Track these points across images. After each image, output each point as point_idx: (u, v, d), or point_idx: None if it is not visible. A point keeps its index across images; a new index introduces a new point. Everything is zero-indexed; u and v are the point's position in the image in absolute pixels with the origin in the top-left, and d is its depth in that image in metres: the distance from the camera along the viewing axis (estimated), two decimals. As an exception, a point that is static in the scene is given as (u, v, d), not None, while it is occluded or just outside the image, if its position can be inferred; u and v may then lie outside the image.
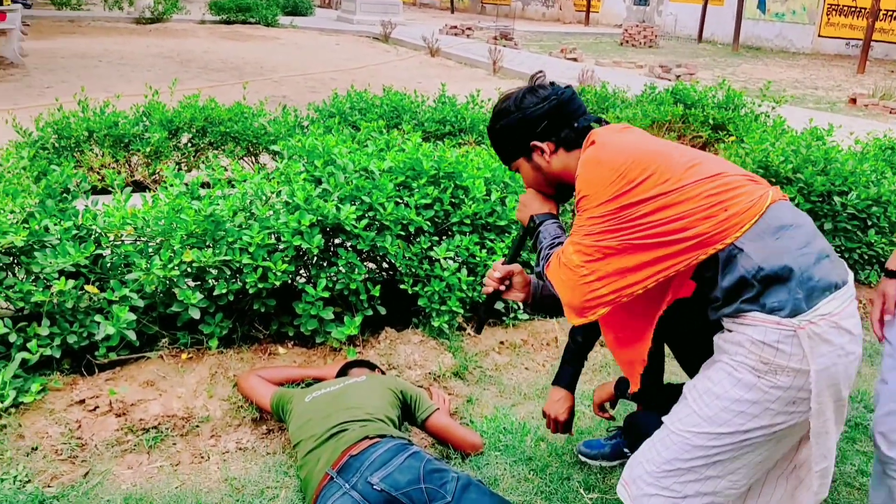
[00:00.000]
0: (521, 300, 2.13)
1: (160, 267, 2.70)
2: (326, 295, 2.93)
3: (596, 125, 1.90)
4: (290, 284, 3.09)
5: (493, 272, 2.11)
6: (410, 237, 3.24)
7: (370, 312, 3.10)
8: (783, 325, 1.58)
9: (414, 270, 3.16)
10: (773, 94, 6.97)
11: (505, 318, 3.44)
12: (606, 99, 7.09)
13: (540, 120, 1.88)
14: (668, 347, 2.40)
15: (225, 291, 2.83)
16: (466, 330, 3.34)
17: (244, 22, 18.94)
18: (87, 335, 2.71)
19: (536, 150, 1.92)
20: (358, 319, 2.99)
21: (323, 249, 3.02)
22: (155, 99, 5.22)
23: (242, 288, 2.86)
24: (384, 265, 3.38)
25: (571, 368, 2.44)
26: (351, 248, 3.09)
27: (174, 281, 2.78)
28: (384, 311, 3.15)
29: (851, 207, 3.87)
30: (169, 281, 2.78)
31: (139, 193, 3.18)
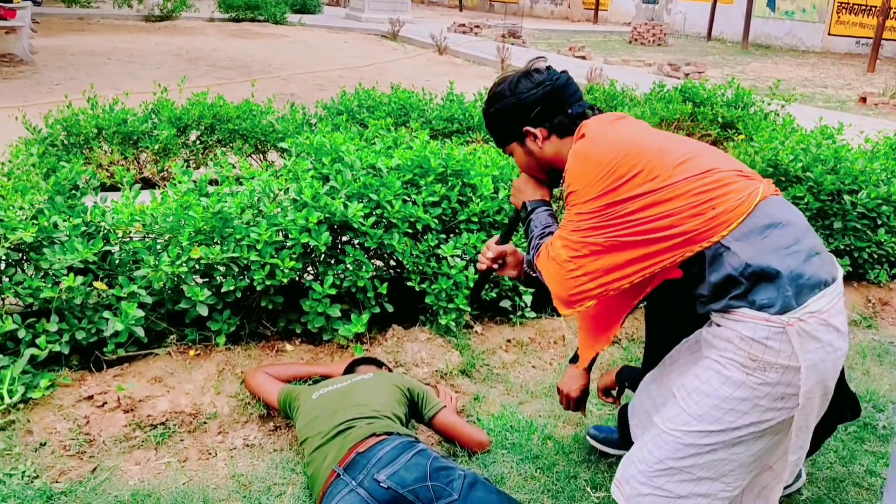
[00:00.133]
0: (513, 277, 2.16)
1: (168, 263, 2.71)
2: (334, 292, 2.93)
3: (591, 112, 1.89)
4: (297, 282, 3.09)
5: (486, 251, 2.14)
6: (418, 235, 3.24)
7: (377, 310, 3.10)
8: (772, 321, 1.59)
9: (421, 268, 3.16)
10: (782, 92, 6.94)
11: (512, 316, 3.44)
12: (615, 97, 7.06)
13: (533, 105, 1.87)
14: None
15: (233, 288, 2.84)
16: (474, 328, 3.34)
17: (253, 20, 18.98)
18: (95, 331, 2.72)
19: (529, 135, 1.92)
20: (365, 317, 2.99)
21: (330, 247, 3.02)
22: (164, 96, 5.23)
23: (250, 285, 2.86)
24: (391, 263, 3.38)
25: None
26: (358, 245, 3.09)
27: (182, 278, 2.79)
28: (391, 308, 3.15)
29: (861, 206, 3.85)
30: (177, 278, 2.79)
31: (148, 190, 3.19)
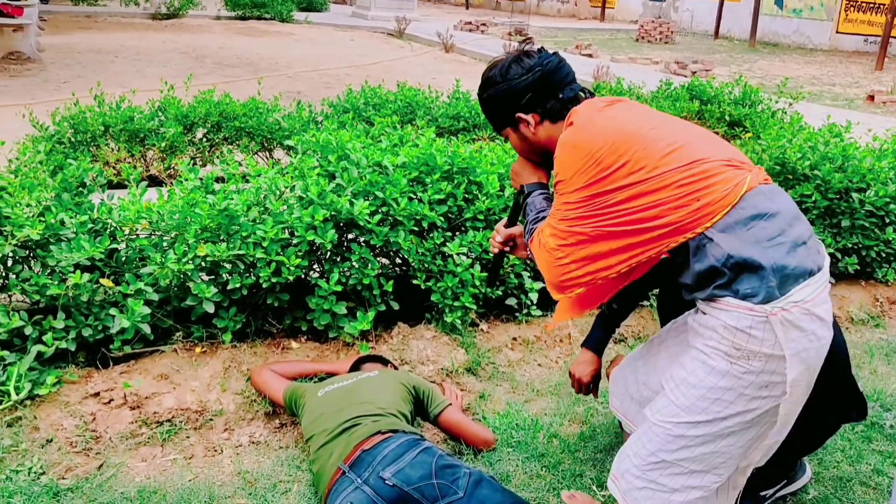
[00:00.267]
0: (524, 257, 2.18)
1: (175, 261, 2.71)
2: (339, 290, 2.93)
3: (583, 95, 1.90)
4: (303, 279, 3.10)
5: (496, 236, 2.17)
6: (424, 233, 3.24)
7: (383, 308, 3.10)
8: (756, 311, 1.60)
9: (427, 266, 3.15)
10: (790, 90, 6.91)
11: (518, 314, 3.43)
12: (622, 95, 7.05)
13: (524, 92, 1.87)
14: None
15: (239, 286, 2.84)
16: (480, 326, 3.33)
17: (259, 18, 18.99)
18: (101, 328, 2.73)
19: (522, 121, 1.92)
20: (371, 314, 2.99)
21: (336, 244, 3.02)
22: (170, 94, 5.24)
23: (256, 282, 2.87)
24: (397, 260, 3.38)
25: (600, 333, 2.51)
26: (364, 243, 3.09)
27: (188, 275, 2.79)
28: (397, 306, 3.15)
29: (869, 205, 3.83)
30: (183, 275, 2.79)
31: (154, 188, 3.19)
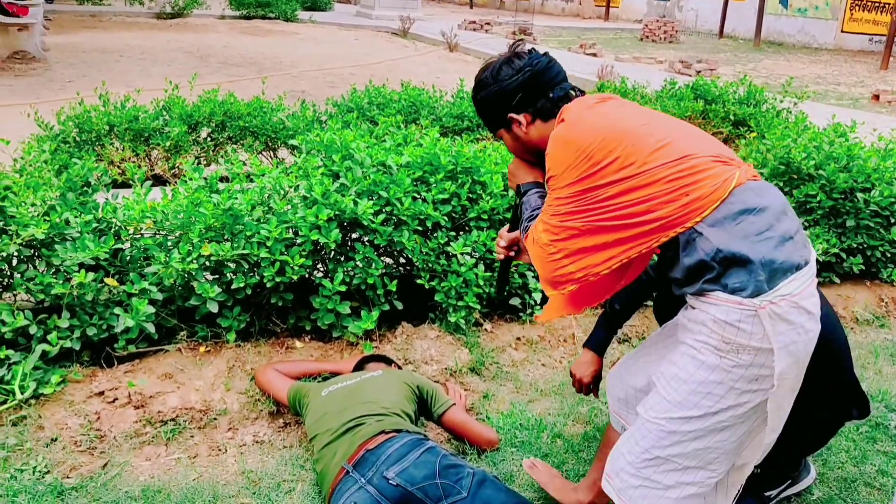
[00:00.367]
0: (528, 261, 2.16)
1: (179, 260, 2.72)
2: (343, 289, 2.93)
3: (573, 93, 1.92)
4: (307, 279, 3.10)
5: (499, 240, 2.18)
6: (427, 232, 3.24)
7: (387, 307, 3.10)
8: (744, 305, 1.61)
9: (431, 266, 3.15)
10: (795, 90, 6.89)
11: (522, 314, 3.43)
12: (626, 95, 7.03)
13: (515, 92, 1.91)
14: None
15: (243, 285, 2.84)
16: (483, 326, 3.33)
17: (264, 17, 18.99)
18: (106, 327, 2.73)
19: (514, 122, 1.96)
20: (375, 314, 2.99)
21: (340, 244, 3.02)
22: (175, 93, 5.25)
23: (260, 282, 2.87)
24: (401, 260, 3.38)
25: (602, 333, 2.50)
26: (368, 242, 3.09)
27: (193, 274, 2.80)
28: (401, 306, 3.15)
29: (874, 205, 3.82)
30: (187, 274, 2.80)
31: (159, 187, 3.20)
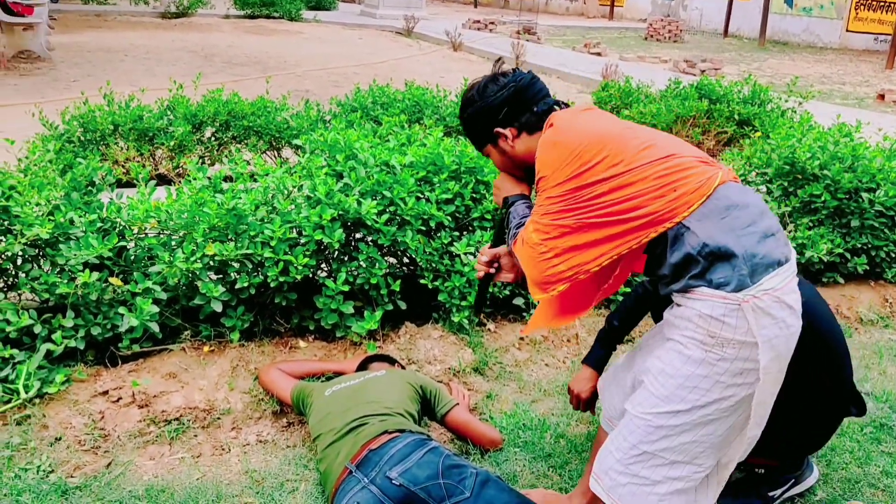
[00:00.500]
0: (510, 280, 2.18)
1: (183, 260, 2.72)
2: (347, 289, 2.93)
3: (557, 108, 1.97)
4: (311, 278, 3.10)
5: (481, 256, 2.18)
6: (431, 232, 3.24)
7: (390, 307, 3.10)
8: (728, 299, 1.65)
9: (434, 265, 3.15)
10: (799, 89, 6.88)
11: (525, 314, 3.43)
12: (630, 94, 7.02)
13: (500, 107, 1.96)
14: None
15: (247, 285, 2.85)
16: (487, 326, 3.33)
17: (268, 16, 19.03)
18: (110, 327, 2.74)
19: (500, 136, 2.00)
20: (378, 314, 3.00)
21: (344, 244, 3.02)
22: (179, 93, 5.26)
23: (264, 281, 2.87)
24: (405, 260, 3.38)
25: (601, 350, 2.51)
26: (372, 242, 3.09)
27: (197, 274, 2.80)
28: (404, 305, 3.16)
29: (879, 205, 3.81)
30: (191, 274, 2.80)
31: (163, 187, 3.20)
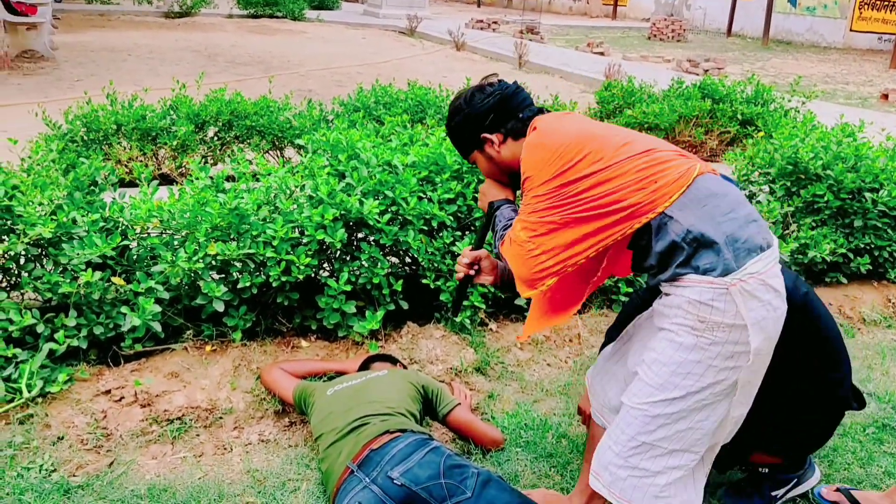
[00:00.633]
0: (490, 283, 2.27)
1: (185, 259, 2.72)
2: (349, 289, 2.93)
3: (540, 115, 2.04)
4: (313, 278, 3.10)
5: (462, 258, 2.25)
6: (433, 232, 3.24)
7: (392, 307, 3.11)
8: (716, 283, 1.71)
9: (436, 265, 3.16)
10: (803, 89, 6.87)
11: (527, 314, 3.42)
12: (633, 94, 7.01)
13: (487, 114, 2.05)
14: None
15: (249, 284, 2.85)
16: (489, 325, 3.33)
17: (271, 16, 19.04)
18: (113, 326, 2.74)
19: (487, 141, 2.08)
20: (380, 314, 3.00)
21: (346, 244, 3.03)
22: (182, 93, 5.26)
23: (266, 281, 2.88)
24: (407, 260, 3.39)
25: None
26: (374, 242, 3.09)
27: (199, 273, 2.80)
28: (406, 305, 3.16)
29: (882, 205, 3.80)
30: (194, 273, 2.80)
31: (165, 186, 3.21)
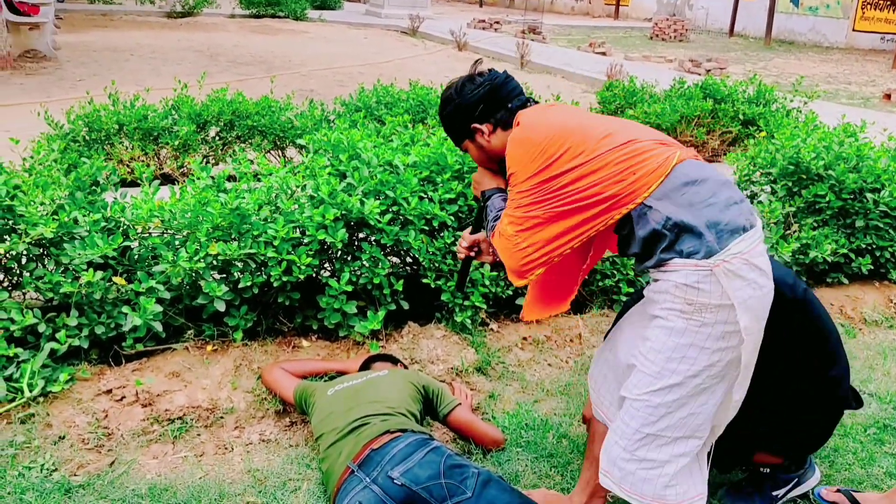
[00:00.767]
0: (489, 262, 2.36)
1: (186, 259, 2.73)
2: (350, 289, 2.94)
3: (529, 105, 2.11)
4: (314, 278, 3.11)
5: (462, 241, 2.36)
6: (434, 232, 3.24)
7: (393, 307, 3.11)
8: (700, 266, 1.76)
9: (437, 265, 3.16)
10: (805, 89, 6.86)
11: (528, 313, 3.42)
12: (634, 93, 7.01)
13: (476, 104, 2.11)
14: None
15: (250, 284, 2.85)
16: (490, 325, 3.33)
17: (273, 16, 19.04)
18: (114, 326, 2.75)
19: (477, 131, 2.14)
20: (381, 314, 3.00)
21: (347, 244, 3.03)
22: (184, 92, 5.27)
23: (267, 281, 2.88)
24: (407, 260, 3.39)
25: None
26: (375, 242, 3.09)
27: (200, 273, 2.81)
28: (407, 305, 3.16)
29: (884, 205, 3.80)
30: (195, 273, 2.81)
31: (167, 186, 3.21)
